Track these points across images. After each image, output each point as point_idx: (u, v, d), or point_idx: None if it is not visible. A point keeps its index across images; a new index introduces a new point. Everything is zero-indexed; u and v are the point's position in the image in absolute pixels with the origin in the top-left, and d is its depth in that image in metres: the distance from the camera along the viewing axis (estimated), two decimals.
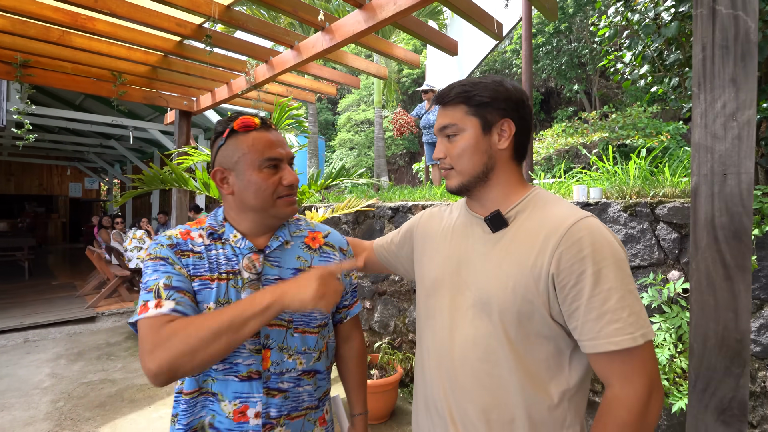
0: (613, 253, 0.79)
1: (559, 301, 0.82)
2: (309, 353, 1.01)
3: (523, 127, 0.93)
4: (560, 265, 0.80)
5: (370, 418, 2.96)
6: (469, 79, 0.95)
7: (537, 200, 0.92)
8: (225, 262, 0.96)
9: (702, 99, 1.08)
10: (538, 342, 0.85)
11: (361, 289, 3.79)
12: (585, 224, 0.82)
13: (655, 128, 6.38)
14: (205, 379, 0.94)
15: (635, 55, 2.41)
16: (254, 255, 0.98)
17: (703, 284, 1.09)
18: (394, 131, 6.45)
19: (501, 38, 2.79)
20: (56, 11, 2.52)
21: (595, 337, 0.78)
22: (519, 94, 0.92)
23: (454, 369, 0.91)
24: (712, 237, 1.07)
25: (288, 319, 0.98)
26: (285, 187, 0.98)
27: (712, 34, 1.06)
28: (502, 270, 0.87)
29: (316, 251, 1.08)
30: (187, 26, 2.71)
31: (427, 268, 1.04)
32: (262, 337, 0.95)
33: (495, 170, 0.93)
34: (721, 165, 1.05)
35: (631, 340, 0.76)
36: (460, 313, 0.92)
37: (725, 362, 1.07)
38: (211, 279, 0.93)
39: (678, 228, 2.17)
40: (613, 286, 0.77)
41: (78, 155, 13.13)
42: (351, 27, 2.40)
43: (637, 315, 0.77)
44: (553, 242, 0.82)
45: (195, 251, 0.95)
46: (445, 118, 0.93)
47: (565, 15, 11.06)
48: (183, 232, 0.98)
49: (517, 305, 0.84)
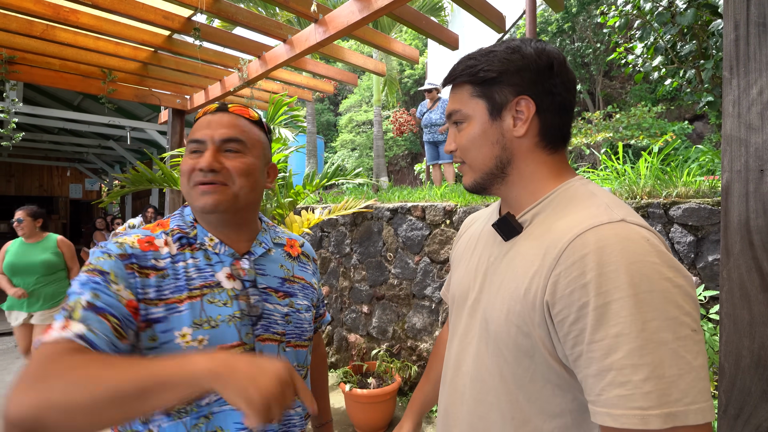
0: (636, 280, 0.52)
1: (560, 341, 0.59)
2: (299, 370, 0.91)
3: (553, 104, 0.68)
4: (556, 292, 0.58)
5: (367, 429, 2.83)
6: (482, 48, 0.73)
7: (561, 198, 0.68)
8: (197, 275, 0.80)
9: (734, 85, 0.94)
10: (547, 390, 0.63)
11: (359, 293, 3.66)
12: (598, 234, 0.57)
13: (660, 128, 6.24)
14: (195, 423, 0.75)
15: (647, 47, 2.27)
16: (236, 262, 0.85)
17: (735, 296, 0.96)
18: (394, 130, 6.32)
19: (504, 31, 2.67)
20: (37, 3, 2.41)
21: (594, 400, 0.55)
22: (544, 59, 0.68)
23: (453, 405, 0.76)
24: (746, 242, 0.94)
25: (281, 332, 0.86)
26: (198, 172, 0.80)
27: (746, 9, 0.92)
28: (501, 291, 0.68)
29: (296, 260, 0.98)
30: (174, 19, 2.59)
31: (452, 283, 0.89)
32: (257, 353, 0.82)
33: (513, 164, 0.70)
34: (758, 160, 0.92)
35: (638, 418, 0.49)
36: (468, 339, 0.76)
37: (762, 385, 0.94)
38: (179, 300, 0.76)
39: (694, 230, 2.04)
40: (625, 330, 0.51)
41: (78, 156, 13.11)
42: (345, 18, 2.28)
43: (667, 383, 0.49)
44: (550, 259, 0.60)
45: (158, 268, 0.77)
46: (452, 103, 0.75)
47: (568, 14, 10.93)
48: (144, 239, 0.79)
49: (512, 337, 0.64)
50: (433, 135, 5.28)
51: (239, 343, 0.78)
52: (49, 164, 14.23)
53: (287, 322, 0.88)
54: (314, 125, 10.16)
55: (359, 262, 3.68)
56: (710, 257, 1.97)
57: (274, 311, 0.86)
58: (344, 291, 3.82)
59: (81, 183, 15.73)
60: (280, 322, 0.87)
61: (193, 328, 0.75)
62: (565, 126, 0.71)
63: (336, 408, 3.16)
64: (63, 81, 3.54)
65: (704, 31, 1.97)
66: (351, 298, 3.76)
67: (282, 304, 0.88)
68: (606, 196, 0.66)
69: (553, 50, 0.69)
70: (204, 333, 0.76)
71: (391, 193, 4.02)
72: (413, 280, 3.22)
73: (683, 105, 8.88)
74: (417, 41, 15.31)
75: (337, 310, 3.89)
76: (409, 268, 3.24)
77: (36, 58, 3.20)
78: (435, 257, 3.08)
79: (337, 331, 3.89)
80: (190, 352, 0.73)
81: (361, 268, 3.66)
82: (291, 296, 0.91)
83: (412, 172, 16.05)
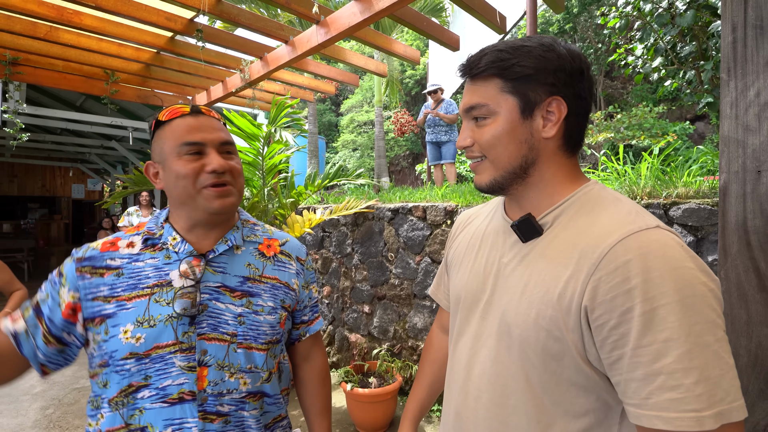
0: (680, 285, 0.54)
1: (596, 345, 0.59)
2: (256, 372, 0.88)
3: (579, 108, 0.68)
4: (596, 297, 0.58)
5: (369, 428, 2.84)
6: (508, 41, 0.70)
7: (585, 201, 0.68)
8: (153, 274, 0.84)
9: (732, 87, 0.95)
10: (572, 392, 0.63)
11: (360, 293, 3.67)
12: (640, 240, 0.57)
13: (662, 128, 6.24)
14: (131, 413, 0.80)
15: (647, 48, 2.28)
16: (195, 260, 0.86)
17: (733, 296, 0.97)
18: (395, 131, 6.32)
19: (505, 32, 2.68)
20: (41, 5, 2.43)
21: (640, 404, 0.55)
22: (577, 63, 0.67)
23: (467, 409, 0.75)
24: (744, 242, 0.95)
25: (231, 332, 0.85)
26: (209, 174, 0.83)
27: (744, 12, 0.93)
28: (525, 294, 0.66)
29: (270, 259, 0.96)
30: (177, 21, 2.61)
31: (453, 283, 0.87)
32: (198, 353, 0.81)
33: (537, 165, 0.69)
34: (755, 161, 0.93)
35: (694, 420, 0.51)
36: (480, 342, 0.74)
37: (759, 384, 0.95)
38: (128, 299, 0.81)
39: (694, 231, 2.04)
40: (674, 336, 0.53)
41: (80, 157, 13.13)
42: (346, 19, 2.29)
43: (714, 384, 0.52)
44: (589, 264, 0.59)
45: (111, 267, 0.84)
46: (473, 96, 0.70)
47: (569, 15, 10.93)
48: (108, 242, 0.87)
49: (541, 341, 0.64)
50: (436, 135, 5.29)
51: (175, 342, 0.81)
52: (52, 164, 14.27)
53: (239, 323, 0.86)
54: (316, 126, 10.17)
55: (360, 262, 3.69)
56: (710, 257, 1.98)
57: (226, 311, 0.85)
58: (345, 291, 3.83)
59: (83, 183, 15.78)
60: (231, 322, 0.85)
61: (134, 326, 0.80)
62: (584, 130, 0.71)
63: (337, 407, 3.18)
64: (66, 82, 3.57)
65: (704, 32, 1.97)
66: (352, 298, 3.77)
67: (236, 303, 0.87)
68: (630, 201, 0.67)
69: (582, 54, 0.69)
70: (142, 331, 0.80)
71: (392, 194, 4.03)
72: (414, 280, 3.23)
73: (684, 105, 8.87)
74: (418, 41, 15.31)
75: (339, 310, 3.91)
76: (410, 268, 3.25)
77: (39, 59, 3.22)
78: (436, 257, 3.09)
79: (339, 331, 3.90)
80: (128, 347, 0.79)
81: (363, 268, 3.67)
82: (251, 296, 0.89)
83: (414, 172, 16.06)
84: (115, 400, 0.80)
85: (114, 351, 0.79)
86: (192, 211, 0.86)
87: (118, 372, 0.79)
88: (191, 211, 0.86)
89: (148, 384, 0.80)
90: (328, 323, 4.03)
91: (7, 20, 2.63)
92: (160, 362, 0.80)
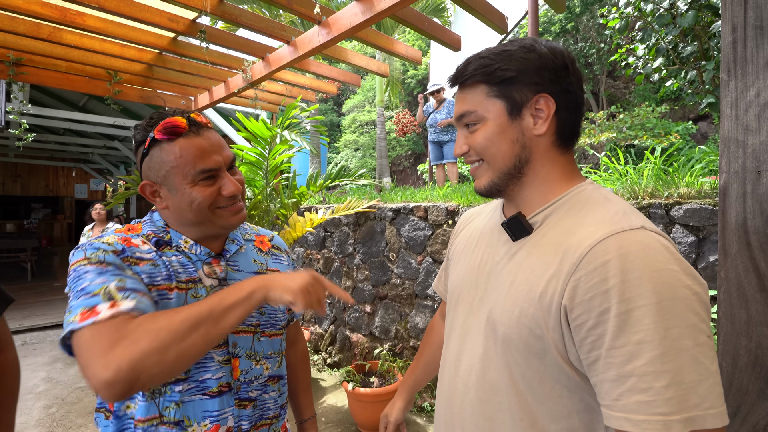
0: (658, 288, 0.53)
1: (575, 345, 0.60)
2: (274, 357, 0.97)
3: (569, 102, 0.69)
4: (575, 297, 0.58)
5: (370, 428, 2.85)
6: (491, 48, 0.72)
7: (576, 201, 0.68)
8: (182, 270, 0.84)
9: (732, 87, 0.96)
10: (556, 391, 0.64)
11: (362, 292, 3.68)
12: (620, 241, 0.57)
13: (664, 128, 6.22)
14: (167, 405, 0.81)
15: (648, 48, 2.28)
16: (214, 260, 0.90)
17: (733, 296, 0.97)
18: (397, 131, 6.33)
19: (506, 32, 2.68)
20: (44, 6, 2.45)
21: (610, 405, 0.55)
22: (560, 59, 0.68)
23: (454, 402, 0.76)
24: (743, 242, 0.95)
25: (255, 323, 0.93)
26: (225, 198, 0.84)
27: (743, 12, 0.94)
28: (510, 292, 0.67)
29: (267, 254, 1.03)
30: (179, 21, 2.62)
31: (450, 279, 0.89)
32: (230, 346, 0.87)
33: (530, 163, 0.70)
34: (755, 161, 0.93)
35: (661, 424, 0.51)
36: (470, 337, 0.75)
37: (759, 384, 0.95)
38: (169, 288, 0.81)
39: (695, 231, 2.04)
40: (647, 338, 0.52)
41: (83, 157, 13.20)
42: (348, 20, 2.30)
43: (688, 388, 0.51)
44: (570, 263, 0.60)
45: (145, 258, 0.81)
46: (463, 104, 0.72)
47: (571, 14, 10.91)
48: (122, 239, 0.82)
49: (523, 339, 0.64)
50: (438, 135, 5.29)
51: None
52: (55, 164, 14.33)
53: (261, 314, 0.94)
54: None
55: (362, 262, 3.70)
56: (711, 257, 1.98)
57: None
58: (347, 290, 3.84)
59: (86, 183, 15.84)
60: (254, 314, 0.92)
61: None
62: (578, 123, 0.72)
63: (339, 407, 3.19)
64: (69, 82, 3.58)
65: (705, 32, 1.97)
66: (354, 298, 3.78)
67: None
68: (621, 202, 0.67)
69: (565, 49, 0.70)
70: None
71: (394, 194, 4.03)
72: (416, 280, 3.24)
73: (687, 105, 8.84)
74: (420, 41, 15.31)
75: (340, 310, 3.92)
76: (412, 268, 3.26)
77: (43, 60, 3.23)
78: (437, 257, 3.09)
79: (340, 331, 3.91)
80: None
81: (364, 267, 3.68)
82: None
83: (415, 172, 16.06)
84: (152, 389, 0.80)
85: None
86: (207, 229, 0.88)
87: None
88: (206, 229, 0.88)
89: (187, 378, 0.82)
90: (329, 323, 4.04)
91: (10, 21, 2.65)
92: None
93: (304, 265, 4.33)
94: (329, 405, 3.24)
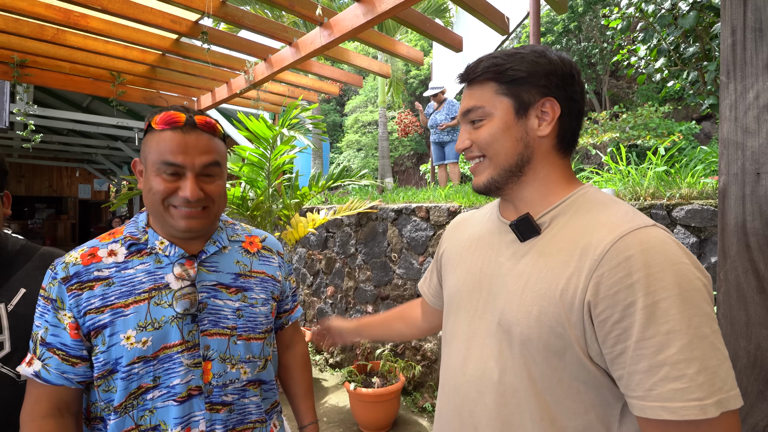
0: (679, 280, 0.56)
1: (598, 340, 0.61)
2: (254, 361, 0.94)
3: (572, 109, 0.72)
4: (599, 293, 0.60)
5: (372, 428, 2.86)
6: (502, 50, 0.75)
7: (582, 202, 0.71)
8: (147, 278, 0.84)
9: (731, 89, 0.96)
10: (574, 388, 0.65)
11: (364, 293, 3.69)
12: (639, 237, 0.60)
13: (667, 128, 6.21)
14: (141, 414, 0.82)
15: (650, 49, 2.28)
16: (187, 262, 0.88)
17: (732, 297, 0.97)
18: (399, 131, 6.34)
19: (508, 33, 2.68)
20: (48, 8, 2.47)
21: (644, 396, 0.57)
22: (567, 68, 0.72)
23: (464, 408, 0.76)
24: (743, 244, 0.95)
25: (231, 326, 0.90)
26: (180, 199, 0.83)
27: (743, 15, 0.94)
28: (526, 292, 0.68)
29: (255, 255, 1.01)
30: (182, 23, 2.64)
31: (447, 284, 0.88)
32: (202, 349, 0.86)
33: (532, 163, 0.73)
34: (754, 163, 0.93)
35: (698, 409, 0.53)
36: (477, 341, 0.75)
37: (758, 385, 0.95)
38: (125, 305, 0.82)
39: (697, 232, 2.04)
40: (675, 327, 0.55)
41: (87, 157, 13.25)
42: (350, 21, 2.31)
43: (712, 373, 0.54)
44: (591, 260, 0.62)
45: (101, 278, 0.83)
46: (470, 100, 0.74)
47: (574, 14, 10.89)
48: (87, 253, 0.85)
49: (543, 338, 0.65)
50: (439, 135, 5.30)
51: (181, 342, 0.84)
52: (59, 165, 14.40)
53: (239, 317, 0.91)
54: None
55: (364, 263, 3.71)
56: (713, 258, 1.97)
57: (224, 306, 0.90)
58: (349, 291, 3.85)
59: (90, 183, 15.90)
60: (230, 316, 0.90)
61: (137, 330, 0.81)
62: (577, 132, 0.75)
63: (340, 407, 3.20)
64: (73, 84, 3.60)
65: (707, 33, 1.97)
66: (356, 298, 3.79)
67: (233, 299, 0.91)
68: (625, 204, 0.70)
69: (573, 61, 0.74)
70: (148, 335, 0.81)
71: (396, 194, 4.04)
72: (417, 281, 3.24)
73: (690, 105, 8.81)
74: (423, 42, 15.31)
75: (342, 310, 3.92)
76: (414, 268, 3.26)
77: (47, 61, 3.26)
78: None
79: None
80: (135, 352, 0.80)
81: (366, 268, 3.69)
82: (245, 290, 0.94)
83: (418, 172, 16.06)
84: (123, 405, 0.81)
85: (119, 358, 0.80)
86: (163, 225, 0.88)
87: (125, 378, 0.80)
88: (163, 224, 0.88)
89: (158, 384, 0.82)
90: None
91: (15, 23, 2.67)
92: (168, 362, 0.83)
93: (306, 265, 4.35)
94: (331, 405, 3.25)
